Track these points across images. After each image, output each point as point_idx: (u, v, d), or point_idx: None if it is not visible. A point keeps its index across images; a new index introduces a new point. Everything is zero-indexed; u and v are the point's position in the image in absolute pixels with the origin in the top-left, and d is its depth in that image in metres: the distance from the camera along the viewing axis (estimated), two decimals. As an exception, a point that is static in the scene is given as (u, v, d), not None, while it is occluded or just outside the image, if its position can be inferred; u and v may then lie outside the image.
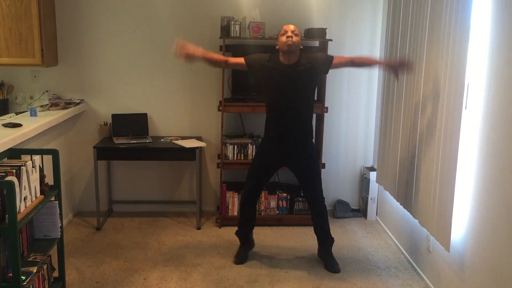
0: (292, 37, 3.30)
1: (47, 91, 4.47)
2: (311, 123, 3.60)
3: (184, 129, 4.64)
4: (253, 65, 3.46)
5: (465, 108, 2.76)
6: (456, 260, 2.94)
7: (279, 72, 3.38)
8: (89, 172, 4.60)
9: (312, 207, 3.68)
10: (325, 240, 3.70)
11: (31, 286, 2.65)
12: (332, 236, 3.72)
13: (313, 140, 3.65)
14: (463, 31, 2.70)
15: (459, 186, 2.85)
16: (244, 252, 3.75)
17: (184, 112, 4.62)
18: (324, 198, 3.67)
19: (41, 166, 2.91)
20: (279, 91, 3.41)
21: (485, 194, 2.62)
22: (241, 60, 3.49)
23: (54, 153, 3.05)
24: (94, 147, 4.19)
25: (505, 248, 2.42)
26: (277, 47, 3.40)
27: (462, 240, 2.87)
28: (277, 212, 4.42)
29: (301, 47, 3.39)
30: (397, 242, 4.03)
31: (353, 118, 4.71)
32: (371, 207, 4.61)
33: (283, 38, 3.32)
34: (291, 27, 3.36)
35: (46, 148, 3.83)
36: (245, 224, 3.78)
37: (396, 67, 3.40)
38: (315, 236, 3.75)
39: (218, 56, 3.61)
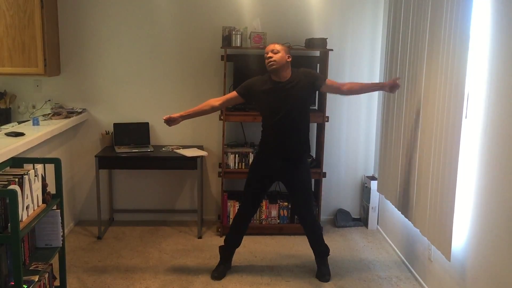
0: (271, 57, 3.28)
1: (49, 100, 4.49)
2: (308, 138, 3.55)
3: (186, 138, 4.65)
4: (248, 93, 3.42)
5: (465, 117, 2.78)
6: (457, 269, 2.94)
7: (273, 91, 3.34)
8: (91, 181, 4.61)
9: (303, 224, 3.64)
10: (319, 252, 3.69)
11: (33, 295, 2.65)
12: (327, 244, 3.72)
13: (311, 155, 3.60)
14: (463, 41, 2.72)
15: (460, 195, 2.85)
16: (224, 270, 3.62)
17: (185, 121, 4.57)
18: (315, 216, 3.69)
19: (43, 175, 2.92)
20: (274, 109, 3.36)
21: (486, 203, 2.63)
22: (233, 94, 3.46)
23: (56, 162, 3.07)
24: (96, 156, 4.20)
25: (506, 257, 2.43)
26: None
27: (463, 249, 2.87)
28: (278, 221, 4.42)
29: (289, 59, 3.33)
30: (398, 251, 4.03)
31: (353, 127, 4.73)
32: (372, 216, 4.61)
33: (266, 61, 3.32)
34: (271, 46, 3.33)
35: (48, 157, 3.84)
36: (235, 241, 3.68)
37: (392, 85, 3.35)
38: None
39: (206, 105, 3.52)
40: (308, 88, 3.40)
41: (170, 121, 3.48)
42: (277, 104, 3.34)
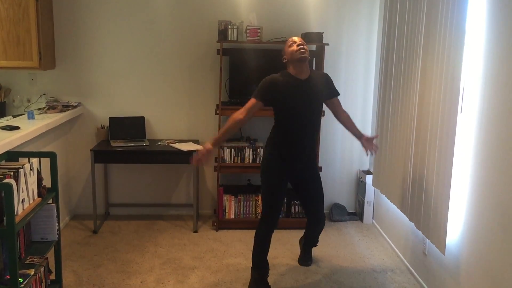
0: (303, 45, 3.10)
1: (44, 94, 4.48)
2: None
3: (181, 132, 4.65)
4: (267, 95, 3.13)
5: (460, 112, 2.79)
6: (451, 263, 2.96)
7: (295, 87, 3.13)
8: (86, 175, 4.60)
9: (316, 224, 3.58)
10: (312, 243, 3.75)
11: (28, 288, 2.65)
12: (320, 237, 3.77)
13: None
14: (459, 36, 2.73)
15: (455, 190, 2.87)
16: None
17: (181, 115, 4.63)
18: (325, 215, 3.64)
19: (38, 169, 2.92)
20: (296, 107, 3.15)
21: (480, 197, 2.65)
22: (252, 102, 3.13)
23: (51, 155, 3.06)
24: (91, 150, 4.19)
25: (500, 251, 2.45)
26: (285, 61, 3.20)
27: (458, 243, 2.89)
28: (274, 215, 4.43)
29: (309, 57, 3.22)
30: (393, 246, 4.05)
31: (349, 122, 4.73)
32: (367, 211, 4.63)
33: (294, 48, 3.10)
34: (295, 38, 3.17)
35: (43, 151, 3.83)
36: (265, 261, 3.38)
37: (368, 141, 3.36)
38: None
39: (231, 123, 3.14)
40: (325, 90, 3.30)
41: (206, 155, 3.08)
42: (301, 104, 3.15)
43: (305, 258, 3.76)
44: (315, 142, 3.43)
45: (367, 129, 4.71)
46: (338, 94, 3.41)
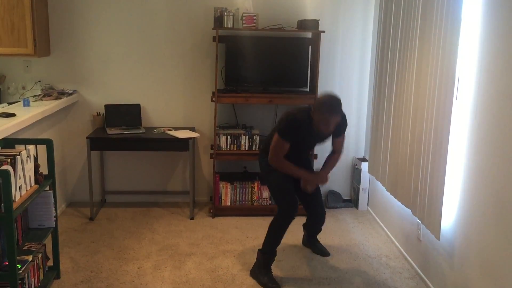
0: (333, 129, 3.28)
1: (39, 81, 4.46)
2: None
3: (178, 119, 4.65)
4: (292, 136, 3.27)
5: (456, 99, 2.81)
6: (445, 248, 3.00)
7: (312, 135, 3.36)
8: (82, 162, 4.61)
9: (316, 219, 3.66)
10: (316, 232, 3.79)
11: (27, 274, 2.68)
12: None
13: None
14: (454, 25, 2.73)
15: (449, 175, 2.90)
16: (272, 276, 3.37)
17: (177, 102, 4.63)
18: (325, 210, 3.71)
19: (35, 156, 2.92)
20: (306, 146, 3.60)
21: (474, 183, 2.67)
22: (280, 142, 3.24)
23: (48, 143, 3.06)
24: (87, 138, 4.19)
25: (493, 236, 2.48)
26: (312, 111, 3.25)
27: (452, 228, 2.92)
28: (270, 202, 4.46)
29: None
30: (387, 232, 4.09)
31: (345, 109, 4.68)
32: (363, 197, 4.67)
33: (324, 128, 3.22)
34: (336, 120, 3.25)
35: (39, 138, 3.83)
36: (278, 244, 3.42)
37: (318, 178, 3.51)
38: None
39: (287, 162, 3.32)
40: (335, 131, 3.41)
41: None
42: (311, 144, 3.67)
43: (320, 248, 3.77)
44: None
45: (363, 117, 4.73)
46: (342, 135, 3.53)
